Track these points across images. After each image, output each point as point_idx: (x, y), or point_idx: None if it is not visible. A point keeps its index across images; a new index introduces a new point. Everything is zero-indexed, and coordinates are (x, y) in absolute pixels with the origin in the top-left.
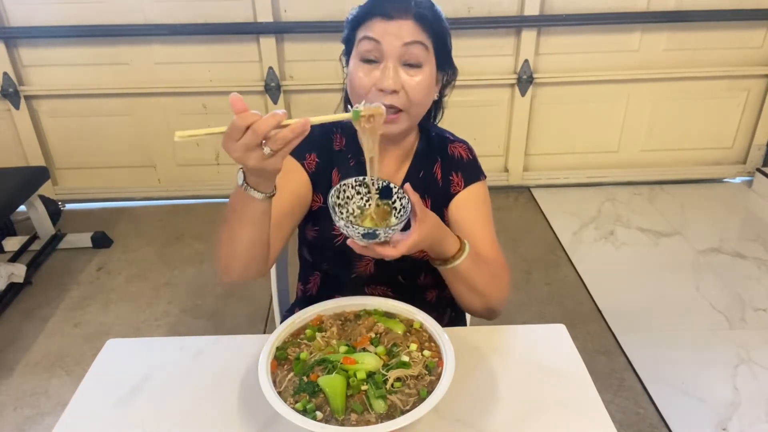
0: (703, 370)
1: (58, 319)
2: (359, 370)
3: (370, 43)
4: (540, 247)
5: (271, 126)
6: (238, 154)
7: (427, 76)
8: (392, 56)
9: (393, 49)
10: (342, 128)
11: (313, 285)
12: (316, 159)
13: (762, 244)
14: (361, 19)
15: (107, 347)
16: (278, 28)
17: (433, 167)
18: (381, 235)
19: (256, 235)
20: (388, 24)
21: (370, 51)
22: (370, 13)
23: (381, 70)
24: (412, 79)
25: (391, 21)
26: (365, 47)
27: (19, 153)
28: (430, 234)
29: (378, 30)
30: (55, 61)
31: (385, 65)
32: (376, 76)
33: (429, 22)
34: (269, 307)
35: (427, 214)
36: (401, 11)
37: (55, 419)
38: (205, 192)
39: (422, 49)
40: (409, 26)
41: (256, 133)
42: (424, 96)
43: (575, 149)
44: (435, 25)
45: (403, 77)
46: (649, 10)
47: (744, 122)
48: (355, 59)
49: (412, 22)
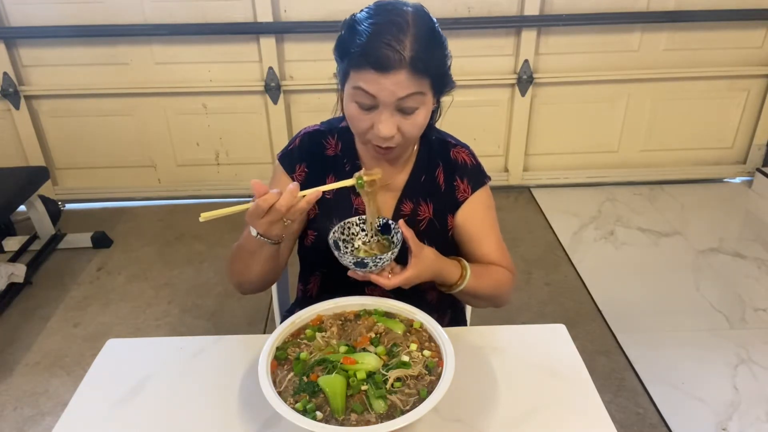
0: (703, 370)
1: (58, 319)
2: (359, 370)
3: (366, 96)
4: (540, 247)
5: (289, 204)
6: (263, 229)
7: (423, 113)
8: (388, 107)
9: (389, 102)
10: (337, 133)
11: (313, 286)
12: (305, 170)
13: (762, 244)
14: (354, 63)
15: (107, 347)
16: (278, 28)
17: (435, 172)
18: (369, 264)
19: (269, 267)
20: (382, 77)
21: (364, 101)
22: (363, 62)
23: (377, 116)
24: (408, 121)
25: (386, 75)
26: (360, 98)
27: (19, 153)
28: (427, 269)
29: (372, 84)
30: (55, 61)
31: (381, 112)
32: (372, 118)
33: (425, 67)
34: (269, 307)
35: (422, 249)
36: (396, 63)
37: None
38: (205, 192)
39: (419, 97)
40: (404, 78)
41: (278, 212)
42: (420, 130)
43: (575, 149)
44: (432, 65)
45: (399, 121)
46: (649, 10)
47: (744, 122)
48: (349, 99)
49: (408, 72)
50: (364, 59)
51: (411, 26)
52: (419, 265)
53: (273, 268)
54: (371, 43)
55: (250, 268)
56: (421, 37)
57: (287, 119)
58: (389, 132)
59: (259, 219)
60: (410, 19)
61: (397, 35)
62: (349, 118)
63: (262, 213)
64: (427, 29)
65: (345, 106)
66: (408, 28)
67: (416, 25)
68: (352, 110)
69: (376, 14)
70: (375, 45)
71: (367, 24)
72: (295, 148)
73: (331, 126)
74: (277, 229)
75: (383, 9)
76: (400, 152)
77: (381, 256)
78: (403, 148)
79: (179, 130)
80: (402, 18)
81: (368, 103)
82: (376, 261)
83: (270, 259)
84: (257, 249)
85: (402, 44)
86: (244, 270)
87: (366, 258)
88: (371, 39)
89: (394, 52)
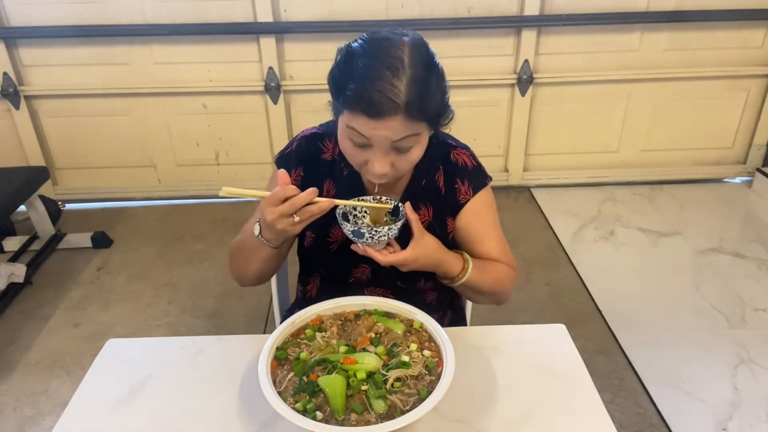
0: (703, 370)
1: (58, 319)
2: (359, 370)
3: (359, 136)
4: (540, 247)
5: (305, 201)
6: (272, 217)
7: (418, 150)
8: (382, 148)
9: (382, 144)
10: (334, 136)
11: (312, 287)
12: (302, 173)
13: (762, 244)
14: (347, 106)
15: (107, 347)
16: (278, 28)
17: (435, 175)
18: (366, 234)
19: (266, 266)
20: (376, 123)
21: (357, 140)
22: (356, 107)
23: (371, 154)
24: (402, 158)
25: (380, 121)
26: (353, 136)
27: (19, 153)
28: (426, 256)
29: (365, 129)
30: (55, 61)
31: (375, 151)
32: (367, 155)
33: (420, 112)
34: (269, 307)
35: (424, 235)
36: (390, 110)
37: (55, 419)
38: (205, 192)
39: (413, 138)
40: (398, 124)
41: (293, 205)
42: (414, 164)
43: (575, 149)
44: (428, 108)
45: (393, 158)
46: (649, 10)
47: (744, 122)
48: (343, 134)
49: (402, 118)
50: (357, 105)
51: (407, 68)
52: (418, 249)
53: (271, 267)
54: (364, 89)
55: (249, 265)
56: (417, 80)
57: (287, 119)
58: (383, 170)
59: (274, 207)
60: (406, 58)
61: (391, 80)
62: (344, 150)
63: (278, 201)
64: (423, 68)
65: (339, 138)
66: (403, 71)
67: (412, 65)
68: (347, 146)
69: (371, 52)
70: (368, 91)
71: (362, 64)
72: (292, 152)
73: (329, 128)
74: (283, 223)
75: (378, 46)
76: (395, 181)
77: (377, 229)
78: (397, 179)
79: (179, 130)
80: (397, 58)
81: (361, 141)
82: (372, 233)
83: (268, 259)
84: (256, 248)
85: (396, 90)
86: (243, 267)
87: (362, 228)
88: (364, 84)
89: (388, 99)
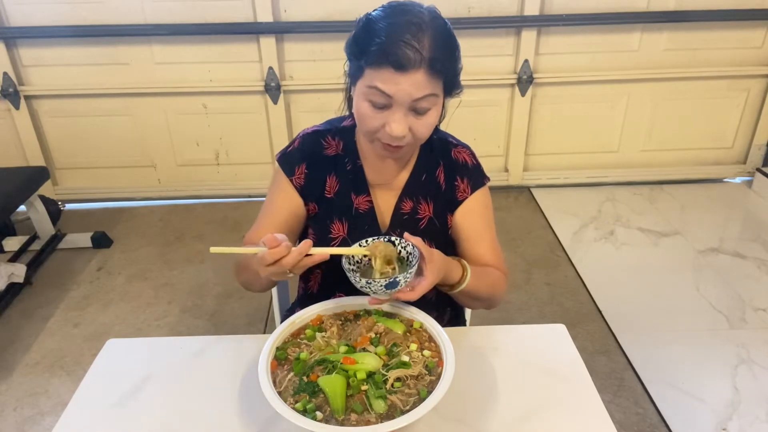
0: (703, 370)
1: (58, 319)
2: (359, 370)
3: (380, 95)
4: (540, 247)
5: (295, 262)
6: (266, 274)
7: (435, 114)
8: (402, 106)
9: (404, 102)
10: (337, 132)
11: (314, 283)
12: (305, 170)
13: (762, 244)
14: (371, 62)
15: (107, 347)
16: (278, 28)
17: (435, 171)
18: (401, 281)
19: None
20: (400, 77)
21: (378, 100)
22: (383, 60)
23: (389, 115)
24: (420, 122)
25: (404, 74)
26: (375, 97)
27: (19, 153)
28: (439, 271)
29: (389, 84)
30: (55, 61)
31: (394, 111)
32: (385, 117)
33: (442, 68)
34: (269, 307)
35: (433, 254)
36: (415, 63)
37: (55, 419)
38: (205, 192)
39: (432, 98)
40: (421, 79)
41: (282, 267)
42: (430, 130)
43: (575, 149)
44: (448, 66)
45: (411, 121)
46: (649, 10)
47: (744, 122)
48: (362, 97)
49: (425, 72)
50: (384, 58)
51: (428, 27)
52: (434, 269)
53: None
54: (391, 42)
55: (254, 283)
56: (438, 38)
57: (287, 119)
58: (401, 132)
59: (265, 267)
60: (427, 19)
61: (416, 34)
62: (360, 116)
63: (269, 263)
64: (444, 30)
65: (356, 104)
66: (426, 28)
67: (433, 26)
68: (365, 109)
69: (393, 14)
70: (395, 43)
71: (385, 23)
72: (295, 149)
73: (331, 125)
74: (278, 277)
75: (400, 9)
76: (408, 151)
77: (410, 270)
78: (411, 147)
79: (179, 130)
80: (419, 18)
81: (382, 102)
82: (406, 276)
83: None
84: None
85: (421, 44)
86: (247, 283)
87: (398, 276)
88: (391, 37)
89: (414, 51)
